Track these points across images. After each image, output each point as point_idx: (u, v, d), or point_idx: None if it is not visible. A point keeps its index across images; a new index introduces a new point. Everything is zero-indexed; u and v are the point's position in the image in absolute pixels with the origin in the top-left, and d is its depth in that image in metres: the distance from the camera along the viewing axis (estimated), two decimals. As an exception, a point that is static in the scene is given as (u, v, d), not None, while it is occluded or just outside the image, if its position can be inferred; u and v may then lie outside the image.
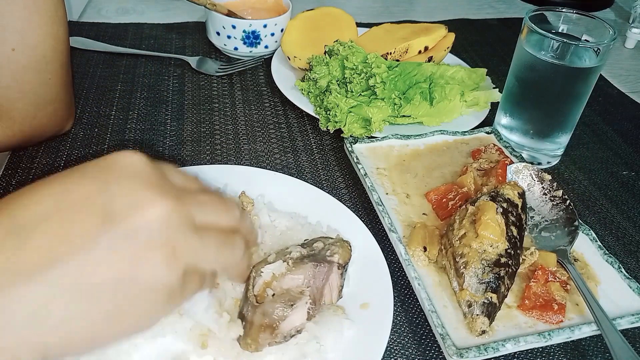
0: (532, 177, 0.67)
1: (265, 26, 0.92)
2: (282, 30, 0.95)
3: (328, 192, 0.66)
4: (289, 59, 0.89)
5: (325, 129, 0.79)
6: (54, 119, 0.70)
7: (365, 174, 0.68)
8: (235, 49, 0.95)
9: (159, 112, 0.82)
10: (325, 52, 0.87)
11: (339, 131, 0.79)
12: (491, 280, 0.53)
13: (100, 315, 0.33)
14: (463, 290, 0.53)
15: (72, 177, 0.35)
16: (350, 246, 0.54)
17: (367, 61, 0.80)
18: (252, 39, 0.93)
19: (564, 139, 0.77)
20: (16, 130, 0.65)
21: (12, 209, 0.33)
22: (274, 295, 0.48)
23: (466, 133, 0.78)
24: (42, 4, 0.61)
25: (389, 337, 0.51)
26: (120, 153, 0.37)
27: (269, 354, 0.47)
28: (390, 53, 0.86)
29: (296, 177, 0.68)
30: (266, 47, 0.95)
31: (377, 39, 0.92)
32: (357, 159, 0.71)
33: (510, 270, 0.55)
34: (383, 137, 0.75)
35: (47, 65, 0.64)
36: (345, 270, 0.52)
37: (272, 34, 0.94)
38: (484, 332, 0.51)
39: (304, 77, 0.87)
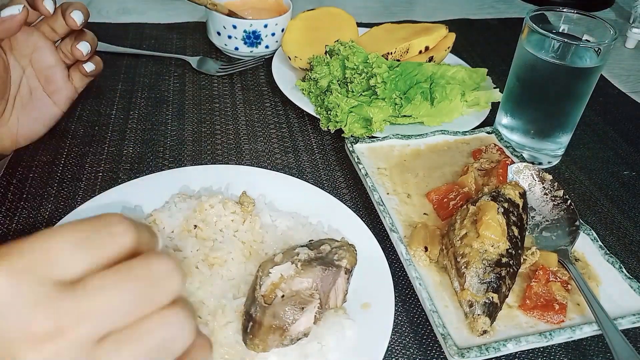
0: (533, 177, 0.67)
1: (265, 26, 0.92)
2: (282, 30, 0.95)
3: (329, 192, 0.66)
4: (290, 58, 0.89)
5: (326, 129, 0.79)
6: None
7: (366, 174, 0.68)
8: (236, 48, 0.94)
9: (160, 112, 0.82)
10: (325, 52, 0.87)
11: (339, 131, 0.78)
12: (492, 280, 0.53)
13: None
14: (464, 290, 0.53)
15: None
16: (356, 250, 0.54)
17: (367, 61, 0.80)
18: (252, 38, 0.93)
19: (564, 139, 0.77)
20: None
21: None
22: (283, 296, 0.47)
23: (467, 133, 0.78)
24: None
25: (390, 337, 0.51)
26: None
27: (271, 354, 0.47)
28: (391, 53, 0.86)
29: (297, 177, 0.68)
30: (267, 47, 0.95)
31: (378, 39, 0.92)
32: (358, 158, 0.71)
33: (511, 270, 0.55)
34: (384, 137, 0.75)
35: None
36: (351, 275, 0.52)
37: (273, 34, 0.94)
38: (485, 332, 0.51)
39: (305, 77, 0.87)
